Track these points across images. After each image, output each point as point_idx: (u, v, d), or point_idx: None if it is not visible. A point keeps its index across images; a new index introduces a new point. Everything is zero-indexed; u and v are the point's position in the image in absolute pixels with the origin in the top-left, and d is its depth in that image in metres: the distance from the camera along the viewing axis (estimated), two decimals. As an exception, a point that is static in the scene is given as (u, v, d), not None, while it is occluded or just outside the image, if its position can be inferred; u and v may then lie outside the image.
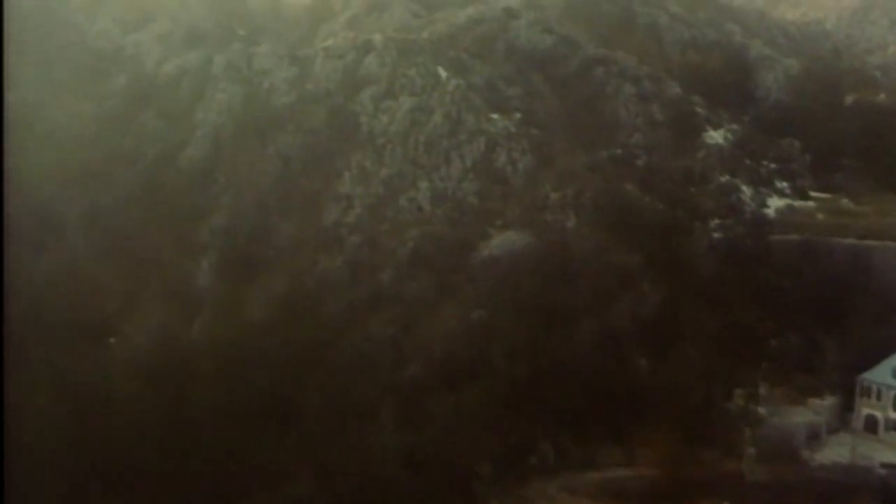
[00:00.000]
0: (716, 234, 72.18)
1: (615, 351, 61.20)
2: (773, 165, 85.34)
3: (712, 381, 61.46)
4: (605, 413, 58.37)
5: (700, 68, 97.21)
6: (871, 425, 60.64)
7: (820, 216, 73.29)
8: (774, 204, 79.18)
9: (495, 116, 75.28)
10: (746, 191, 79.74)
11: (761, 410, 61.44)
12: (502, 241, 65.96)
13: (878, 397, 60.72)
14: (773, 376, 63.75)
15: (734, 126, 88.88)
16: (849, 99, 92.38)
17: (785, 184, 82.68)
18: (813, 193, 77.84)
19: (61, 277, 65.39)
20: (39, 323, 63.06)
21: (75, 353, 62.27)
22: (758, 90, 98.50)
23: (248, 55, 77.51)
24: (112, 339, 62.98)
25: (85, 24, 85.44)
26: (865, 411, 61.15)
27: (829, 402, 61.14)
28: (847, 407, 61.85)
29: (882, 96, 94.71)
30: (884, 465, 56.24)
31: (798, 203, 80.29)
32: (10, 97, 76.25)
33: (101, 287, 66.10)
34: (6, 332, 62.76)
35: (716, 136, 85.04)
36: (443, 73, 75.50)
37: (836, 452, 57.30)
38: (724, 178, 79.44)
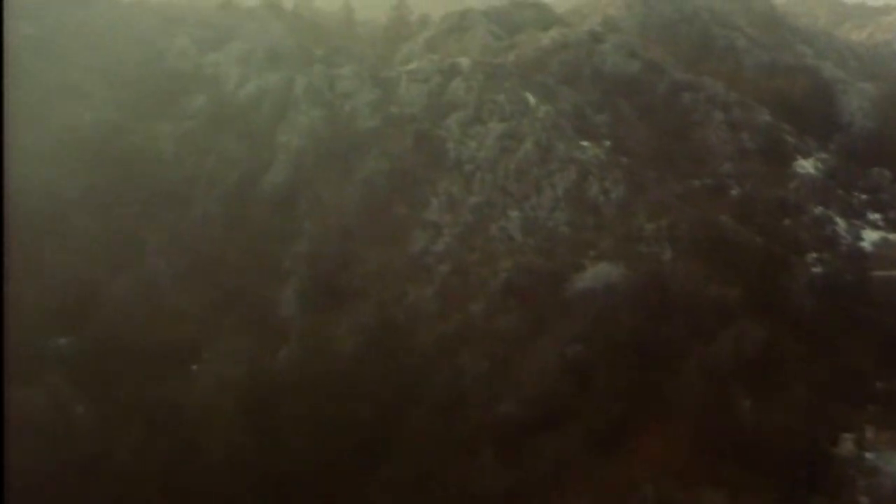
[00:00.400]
0: (814, 269, 70.35)
1: (717, 390, 59.59)
2: (864, 196, 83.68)
3: (818, 425, 59.64)
4: (708, 456, 56.87)
5: (784, 93, 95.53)
6: None
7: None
8: (869, 237, 77.34)
9: (585, 144, 74.38)
10: (840, 223, 77.93)
11: (869, 456, 59.33)
12: (596, 274, 64.97)
13: None
14: (881, 420, 61.72)
15: (823, 154, 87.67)
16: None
17: (877, 215, 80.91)
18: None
19: (140, 300, 64.80)
20: (118, 346, 62.76)
21: (156, 379, 61.76)
22: (842, 116, 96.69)
23: (329, 77, 77.20)
24: (194, 367, 62.28)
25: (162, 42, 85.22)
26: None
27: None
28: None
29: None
30: None
31: (893, 236, 78.45)
32: (86, 117, 77.11)
33: (182, 311, 65.55)
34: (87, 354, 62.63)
35: (806, 166, 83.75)
36: (531, 98, 74.90)
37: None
38: (818, 210, 77.73)
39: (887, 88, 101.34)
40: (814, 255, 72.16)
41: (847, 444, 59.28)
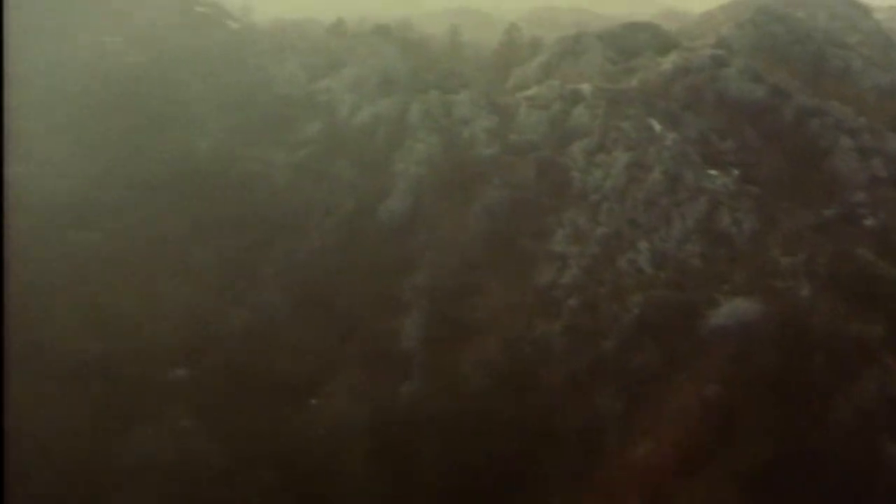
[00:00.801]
0: (957, 306, 67.65)
1: (864, 434, 57.18)
2: None
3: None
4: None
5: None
6: None
7: None
8: None
9: (713, 173, 72.46)
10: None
11: None
12: (731, 310, 63.14)
13: None
14: None
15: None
16: None
17: None
18: None
19: (257, 331, 64.46)
20: (237, 379, 62.42)
21: (278, 415, 61.23)
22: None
23: (445, 103, 76.66)
24: (314, 401, 61.58)
25: (272, 68, 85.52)
26: None
27: None
28: None
29: None
30: None
31: None
32: (201, 145, 77.38)
33: (299, 343, 65.09)
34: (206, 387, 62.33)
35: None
36: (656, 125, 73.35)
37: None
38: (955, 242, 74.89)
39: None
40: (955, 291, 68.88)
41: None
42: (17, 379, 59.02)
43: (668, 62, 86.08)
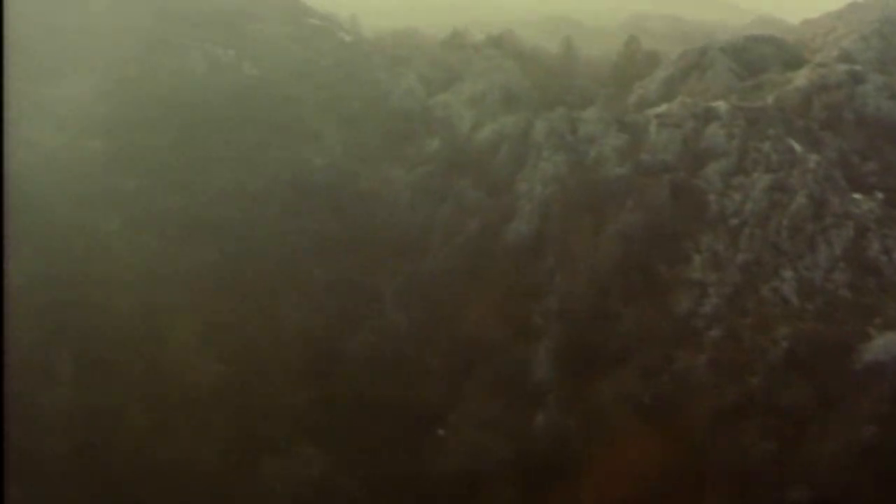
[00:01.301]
0: None
1: None
2: None
3: None
4: None
5: None
6: None
7: None
8: None
9: (858, 196, 69.35)
10: None
11: None
12: (886, 344, 60.51)
13: None
14: None
15: None
16: None
17: None
18: None
19: (380, 355, 63.17)
20: (361, 405, 61.22)
21: (406, 445, 59.89)
22: None
23: (571, 120, 74.47)
24: (441, 431, 60.07)
25: (387, 82, 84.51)
26: None
27: None
28: None
29: None
30: None
31: None
32: (317, 161, 76.40)
33: (423, 368, 63.70)
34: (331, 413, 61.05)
35: None
36: (797, 146, 70.34)
37: None
38: None
39: None
40: None
41: None
42: (137, 404, 58.70)
43: (802, 78, 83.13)
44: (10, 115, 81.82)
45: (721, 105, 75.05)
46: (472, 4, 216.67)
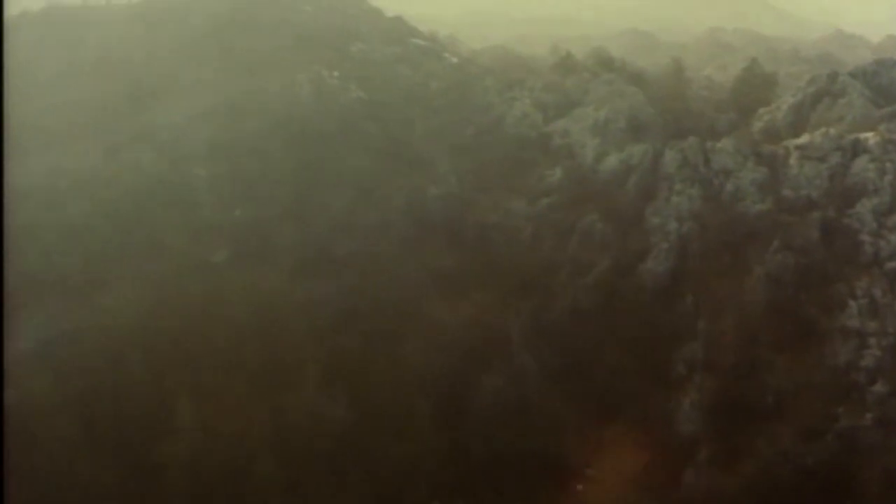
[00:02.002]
0: None
1: None
2: None
3: None
4: None
5: None
6: None
7: None
8: None
9: None
10: None
11: None
12: None
13: None
14: None
15: None
16: None
17: None
18: None
19: (510, 400, 60.33)
20: (492, 452, 58.39)
21: (540, 498, 56.85)
22: None
23: (703, 150, 70.88)
24: (580, 487, 56.93)
25: (500, 107, 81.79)
26: None
27: None
28: None
29: None
30: None
31: None
32: (431, 189, 73.75)
33: (556, 416, 60.72)
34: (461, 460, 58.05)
35: None
36: (955, 183, 66.57)
37: None
38: None
39: None
40: None
41: None
42: (264, 456, 56.02)
43: (949, 107, 79.10)
44: (108, 140, 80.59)
45: (870, 137, 71.18)
46: (532, 16, 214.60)
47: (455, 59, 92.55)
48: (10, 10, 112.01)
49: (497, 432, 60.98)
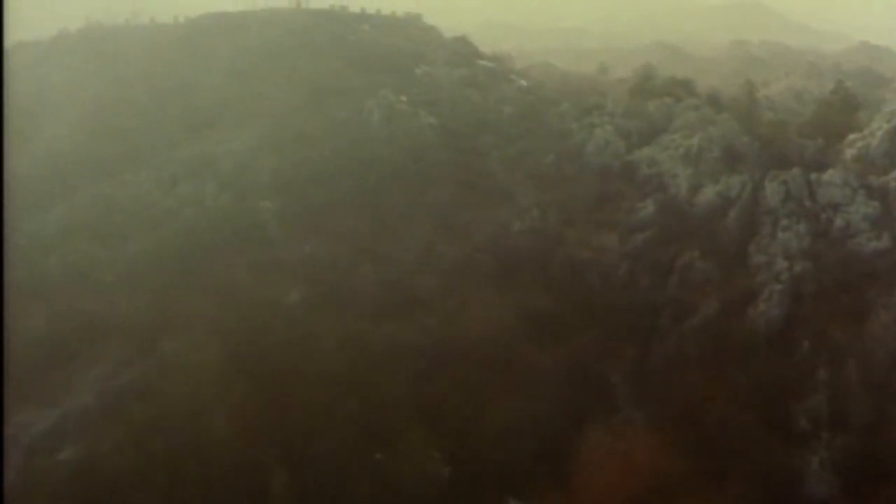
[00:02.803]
0: None
1: None
2: None
3: None
4: None
5: None
6: None
7: None
8: None
9: None
10: None
11: None
12: None
13: None
14: None
15: None
16: None
17: None
18: None
19: (615, 457, 56.71)
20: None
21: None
22: None
23: (808, 183, 66.43)
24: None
25: (580, 133, 77.53)
26: None
27: None
28: None
29: None
30: None
31: None
32: (514, 223, 69.33)
33: (665, 474, 56.63)
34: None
35: None
36: None
37: None
38: None
39: None
40: None
41: None
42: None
43: None
44: (164, 170, 76.21)
45: None
46: (545, 28, 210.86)
47: (524, 82, 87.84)
48: (46, 31, 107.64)
49: (601, 489, 56.65)
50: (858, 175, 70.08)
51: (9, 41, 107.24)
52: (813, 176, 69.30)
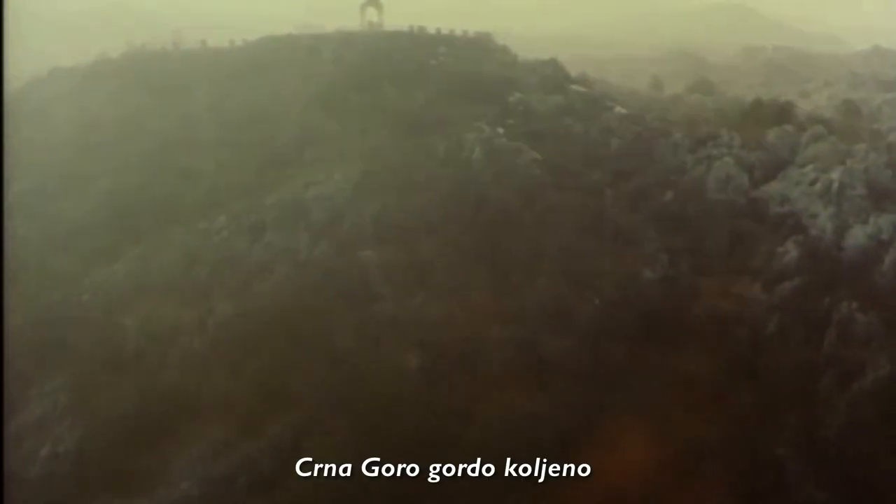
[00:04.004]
0: None
1: None
2: None
3: None
4: None
5: None
6: None
7: None
8: None
9: None
10: None
11: None
12: None
13: None
14: None
15: None
16: None
17: None
18: None
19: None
20: None
21: None
22: None
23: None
24: None
25: (695, 167, 70.51)
26: None
27: None
28: None
29: None
30: None
31: None
32: (646, 274, 62.56)
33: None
34: None
35: None
36: None
37: None
38: None
39: None
40: None
41: None
42: None
43: None
44: (246, 218, 69.02)
45: None
46: (542, 35, 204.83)
47: (623, 110, 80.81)
48: (82, 58, 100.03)
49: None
50: None
51: (42, 68, 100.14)
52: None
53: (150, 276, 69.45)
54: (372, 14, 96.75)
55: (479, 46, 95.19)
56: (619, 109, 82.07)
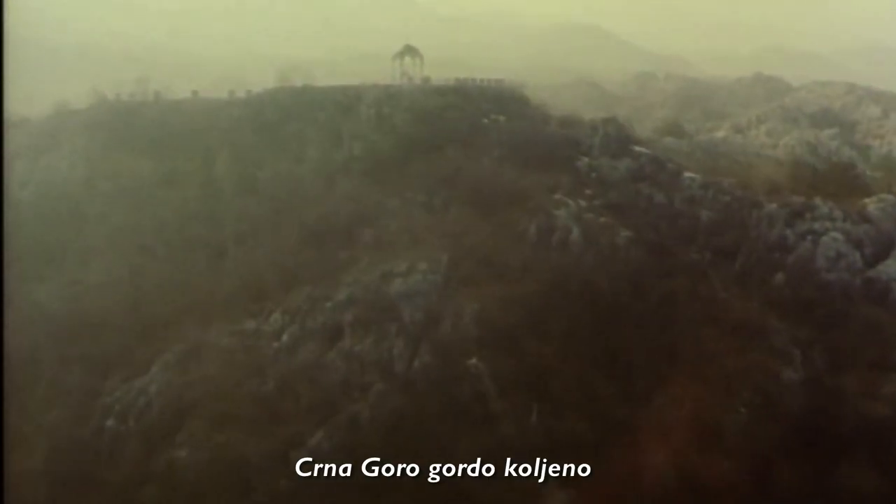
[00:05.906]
0: None
1: None
2: None
3: None
4: None
5: None
6: None
7: None
8: None
9: None
10: None
11: None
12: None
13: None
14: None
15: None
16: None
17: None
18: None
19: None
20: None
21: None
22: None
23: None
24: None
25: (800, 244, 65.06)
26: None
27: None
28: None
29: None
30: None
31: None
32: (787, 375, 57.16)
33: None
34: None
35: None
36: None
37: None
38: None
39: None
40: None
41: None
42: None
43: None
44: (315, 316, 60.35)
45: None
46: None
47: (694, 175, 74.04)
48: (81, 101, 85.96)
49: None
50: None
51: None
52: None
53: (192, 390, 59.01)
54: (408, 64, 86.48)
55: (511, 98, 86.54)
56: (691, 175, 75.16)
